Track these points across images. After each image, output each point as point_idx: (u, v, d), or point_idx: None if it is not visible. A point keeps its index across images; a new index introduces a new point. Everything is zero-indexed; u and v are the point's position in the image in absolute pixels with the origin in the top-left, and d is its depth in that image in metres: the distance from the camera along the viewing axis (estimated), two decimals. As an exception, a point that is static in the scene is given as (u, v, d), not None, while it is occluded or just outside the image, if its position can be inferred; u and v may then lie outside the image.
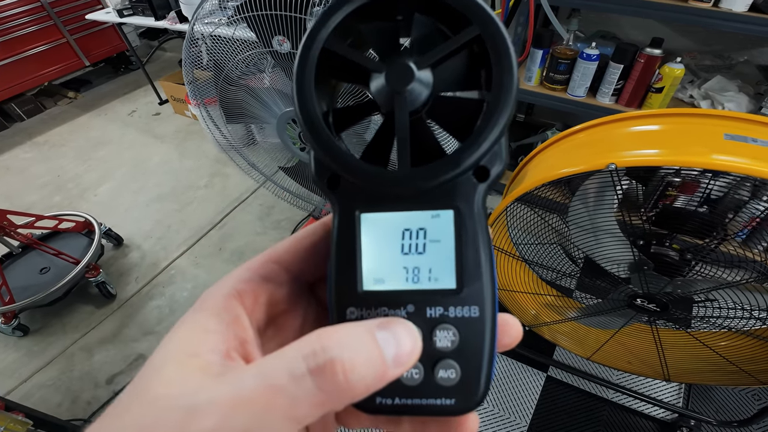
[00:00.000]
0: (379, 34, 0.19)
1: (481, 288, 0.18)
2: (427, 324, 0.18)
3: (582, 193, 0.89)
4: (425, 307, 0.18)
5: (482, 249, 0.18)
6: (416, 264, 0.18)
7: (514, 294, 1.25)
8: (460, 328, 0.18)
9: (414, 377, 0.18)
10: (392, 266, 0.18)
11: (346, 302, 0.19)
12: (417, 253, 0.18)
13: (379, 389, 0.16)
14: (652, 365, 1.21)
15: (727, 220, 0.92)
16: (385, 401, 0.18)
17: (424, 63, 0.18)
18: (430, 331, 0.18)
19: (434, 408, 0.18)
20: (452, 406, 0.18)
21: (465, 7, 0.17)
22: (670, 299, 0.95)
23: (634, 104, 1.36)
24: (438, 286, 0.18)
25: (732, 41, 1.46)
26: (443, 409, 0.18)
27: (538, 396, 1.38)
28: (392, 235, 0.18)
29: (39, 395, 1.52)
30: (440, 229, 0.18)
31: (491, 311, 0.18)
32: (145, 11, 2.43)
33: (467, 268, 0.18)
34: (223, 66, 0.99)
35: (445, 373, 0.17)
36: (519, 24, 1.36)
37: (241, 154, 1.54)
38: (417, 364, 0.18)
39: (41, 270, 1.75)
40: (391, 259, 0.18)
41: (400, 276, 0.18)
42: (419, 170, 0.17)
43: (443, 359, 0.18)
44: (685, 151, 0.75)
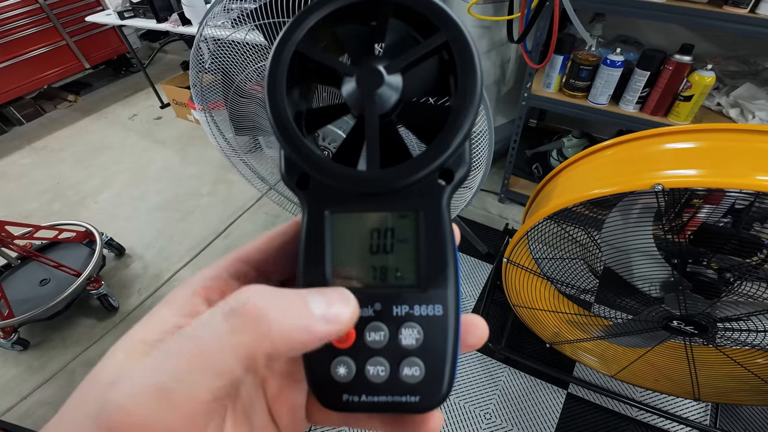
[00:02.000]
0: (353, 38, 0.19)
1: (444, 287, 0.18)
2: (393, 322, 0.18)
3: (621, 213, 0.83)
4: (392, 306, 0.18)
5: (447, 249, 0.18)
6: (383, 263, 0.19)
7: (536, 312, 1.20)
8: (424, 327, 0.18)
9: (380, 374, 0.18)
10: (360, 265, 0.19)
11: None
12: (384, 253, 0.19)
13: (346, 387, 0.17)
14: (681, 384, 1.16)
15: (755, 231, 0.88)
16: (351, 398, 0.18)
17: (394, 68, 0.18)
18: (396, 329, 0.18)
19: (400, 405, 0.18)
20: (417, 404, 0.18)
21: (433, 14, 0.18)
22: (710, 321, 0.90)
23: (660, 113, 1.31)
24: (404, 284, 0.18)
25: (759, 46, 1.41)
26: (408, 406, 0.18)
27: (558, 414, 1.33)
28: (360, 235, 0.19)
29: (39, 413, 1.47)
30: (407, 229, 0.18)
31: (454, 310, 0.18)
32: (146, 13, 2.38)
33: (432, 268, 0.18)
34: (234, 76, 0.94)
35: (410, 371, 0.18)
36: (539, 28, 1.30)
37: (245, 161, 1.48)
38: (383, 362, 0.18)
39: (41, 282, 1.70)
40: (359, 259, 0.19)
41: (368, 275, 0.19)
42: (387, 171, 0.18)
43: (408, 357, 0.18)
44: (735, 173, 0.70)
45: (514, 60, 1.71)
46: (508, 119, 1.89)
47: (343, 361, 0.18)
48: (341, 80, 0.19)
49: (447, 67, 0.19)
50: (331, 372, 0.18)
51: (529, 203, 1.14)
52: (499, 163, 2.09)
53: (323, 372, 0.18)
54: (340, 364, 0.18)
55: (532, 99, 1.50)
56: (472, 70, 0.18)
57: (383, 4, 0.18)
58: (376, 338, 0.18)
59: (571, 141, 1.75)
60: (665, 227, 0.82)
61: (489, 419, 1.33)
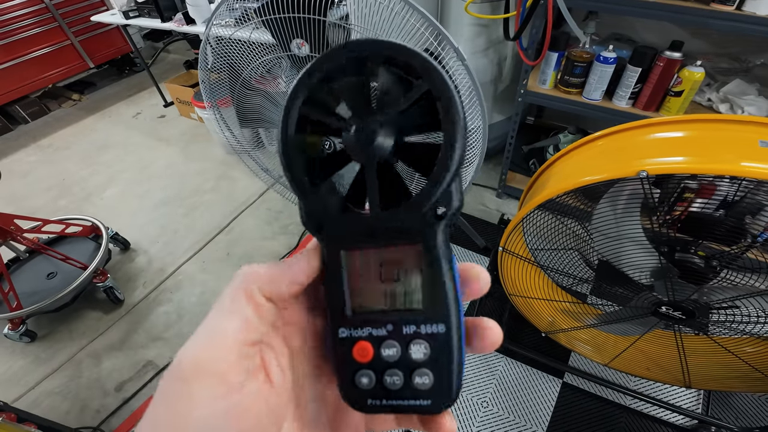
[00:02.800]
0: (349, 90, 0.22)
1: (445, 308, 0.21)
2: (404, 339, 0.21)
3: (609, 201, 0.87)
4: (402, 325, 0.21)
5: (445, 275, 0.21)
6: (393, 290, 0.22)
7: (530, 300, 1.24)
8: (430, 342, 0.21)
9: (396, 383, 0.21)
10: (372, 293, 0.22)
11: (337, 324, 0.22)
12: (392, 281, 0.22)
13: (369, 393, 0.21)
14: (673, 372, 1.19)
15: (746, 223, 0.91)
16: (374, 402, 0.22)
17: (388, 118, 0.21)
18: (406, 345, 0.21)
19: (414, 407, 0.21)
20: (429, 406, 0.21)
21: (416, 64, 0.20)
22: (697, 307, 0.93)
23: (652, 108, 1.34)
24: (411, 307, 0.21)
25: (749, 44, 1.44)
26: (422, 408, 0.21)
27: (554, 403, 1.36)
28: (370, 267, 0.22)
29: (47, 403, 1.50)
30: (408, 260, 0.21)
31: (456, 326, 0.21)
32: (151, 13, 2.41)
33: (432, 293, 0.21)
34: (240, 70, 0.98)
35: (420, 380, 0.21)
36: (534, 26, 1.34)
37: (252, 156, 1.52)
38: (397, 372, 0.21)
39: (48, 275, 1.74)
40: (371, 287, 0.22)
41: (380, 301, 0.22)
42: (386, 215, 0.21)
43: (418, 368, 0.21)
44: (718, 159, 0.74)
45: (511, 57, 1.75)
46: (505, 116, 1.92)
47: (365, 373, 0.22)
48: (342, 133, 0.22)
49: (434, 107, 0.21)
50: (356, 382, 0.22)
51: (524, 194, 1.17)
52: (496, 159, 2.12)
53: (350, 382, 0.22)
54: (362, 376, 0.22)
55: (528, 95, 1.53)
56: (453, 120, 0.19)
57: (371, 58, 0.20)
58: (390, 353, 0.21)
59: (567, 137, 1.79)
60: (659, 221, 0.85)
61: (486, 407, 1.36)
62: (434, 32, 0.81)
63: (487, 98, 1.86)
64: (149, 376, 1.54)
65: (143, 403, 1.46)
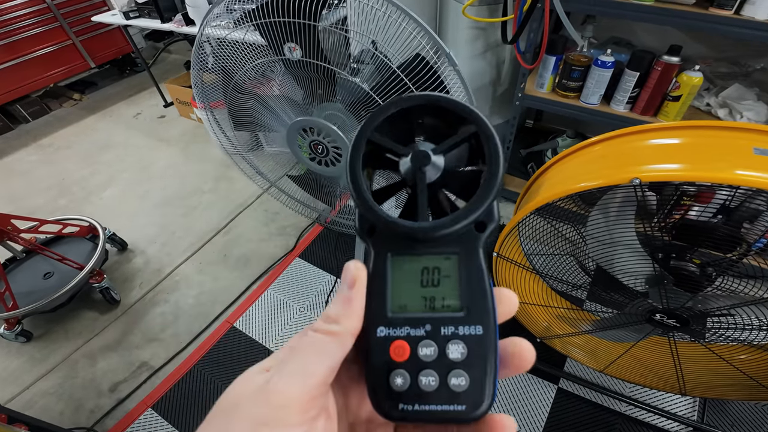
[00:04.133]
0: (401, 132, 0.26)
1: (483, 311, 0.22)
2: (441, 340, 0.22)
3: (602, 207, 0.86)
4: (440, 327, 0.22)
5: (483, 282, 0.23)
6: (432, 294, 0.23)
7: (526, 306, 1.23)
8: (467, 343, 0.22)
9: (431, 384, 0.21)
10: (414, 296, 0.23)
11: (377, 323, 0.23)
12: (433, 286, 0.23)
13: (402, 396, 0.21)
14: (668, 379, 1.18)
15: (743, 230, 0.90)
16: (407, 407, 0.21)
17: (438, 150, 0.24)
18: (444, 345, 0.22)
19: (448, 413, 0.21)
20: (463, 412, 0.21)
21: (466, 113, 0.24)
22: (691, 315, 0.92)
23: (650, 113, 1.33)
24: (450, 310, 0.23)
25: (749, 48, 1.43)
26: (456, 414, 0.21)
27: (549, 408, 1.35)
28: (414, 272, 0.23)
29: (41, 403, 1.50)
30: (450, 267, 0.23)
31: (493, 329, 0.22)
32: (151, 13, 2.42)
33: (471, 297, 0.22)
34: (233, 73, 0.97)
35: (457, 381, 0.21)
36: (532, 30, 1.33)
37: (246, 159, 1.52)
38: (433, 373, 0.21)
39: (45, 275, 1.74)
40: (413, 291, 0.23)
41: (420, 303, 0.23)
42: (434, 223, 0.22)
43: (455, 369, 0.21)
44: (712, 167, 0.73)
45: (509, 61, 1.74)
46: (503, 119, 1.92)
47: (400, 373, 0.22)
48: (398, 162, 0.25)
49: (473, 147, 0.25)
50: (390, 382, 0.22)
51: (519, 198, 1.16)
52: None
53: (383, 384, 0.22)
54: (397, 376, 0.22)
55: (525, 99, 1.53)
56: (496, 156, 0.23)
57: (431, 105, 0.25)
58: (427, 353, 0.22)
59: (565, 141, 1.78)
60: (654, 227, 0.84)
61: (480, 412, 1.35)
62: (429, 39, 0.80)
63: (485, 101, 1.85)
64: (144, 377, 1.54)
65: (137, 404, 1.46)
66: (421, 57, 0.79)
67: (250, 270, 1.89)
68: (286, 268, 1.87)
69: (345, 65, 0.94)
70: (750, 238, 0.84)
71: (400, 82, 0.84)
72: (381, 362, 0.22)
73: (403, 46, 0.84)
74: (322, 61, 0.88)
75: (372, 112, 0.25)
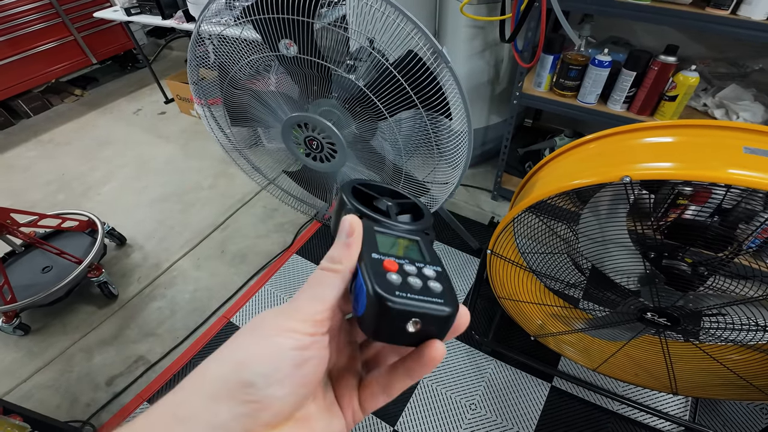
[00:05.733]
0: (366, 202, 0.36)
1: (438, 262, 0.30)
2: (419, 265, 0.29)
3: (594, 205, 0.86)
4: (415, 262, 0.30)
5: (434, 251, 0.32)
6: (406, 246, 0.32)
7: (520, 304, 1.23)
8: (435, 271, 0.29)
9: (417, 284, 0.27)
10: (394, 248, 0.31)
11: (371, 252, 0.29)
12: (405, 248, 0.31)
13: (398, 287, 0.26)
14: (660, 378, 1.18)
15: (738, 230, 0.90)
16: (401, 293, 0.26)
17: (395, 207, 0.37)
18: (420, 268, 0.29)
19: (433, 305, 0.26)
20: (443, 304, 0.26)
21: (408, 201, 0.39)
22: (682, 313, 0.93)
23: (647, 112, 1.33)
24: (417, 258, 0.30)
25: (747, 49, 1.43)
26: (438, 306, 0.26)
27: (542, 406, 1.36)
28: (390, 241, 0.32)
29: (38, 396, 1.51)
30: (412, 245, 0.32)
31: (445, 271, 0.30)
32: (152, 10, 2.43)
33: (430, 256, 0.31)
34: (229, 69, 0.98)
35: (434, 285, 0.27)
36: (529, 29, 1.34)
37: (244, 155, 1.52)
38: (417, 279, 0.27)
39: (43, 269, 1.75)
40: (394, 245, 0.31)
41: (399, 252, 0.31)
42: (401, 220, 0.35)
43: (430, 280, 0.28)
44: (702, 165, 0.73)
45: (508, 59, 1.74)
46: (502, 118, 1.92)
47: (394, 275, 0.27)
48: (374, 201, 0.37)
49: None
50: (387, 279, 0.27)
51: (514, 195, 1.17)
52: (493, 162, 2.12)
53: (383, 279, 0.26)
54: (392, 275, 0.27)
55: (523, 98, 1.53)
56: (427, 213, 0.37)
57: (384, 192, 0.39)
58: (410, 269, 0.28)
59: (563, 140, 1.78)
60: (646, 226, 0.84)
61: (474, 410, 1.36)
62: (423, 37, 0.81)
63: (483, 100, 1.85)
64: (140, 371, 1.54)
65: (133, 398, 1.47)
66: (414, 53, 0.79)
67: (247, 266, 1.90)
68: (284, 265, 1.87)
69: (341, 62, 0.94)
70: (741, 237, 0.84)
71: (395, 78, 0.84)
72: (378, 270, 0.27)
73: (400, 45, 0.85)
74: (317, 57, 0.89)
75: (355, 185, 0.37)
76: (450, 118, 0.89)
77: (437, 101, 0.84)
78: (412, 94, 0.83)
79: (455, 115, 0.89)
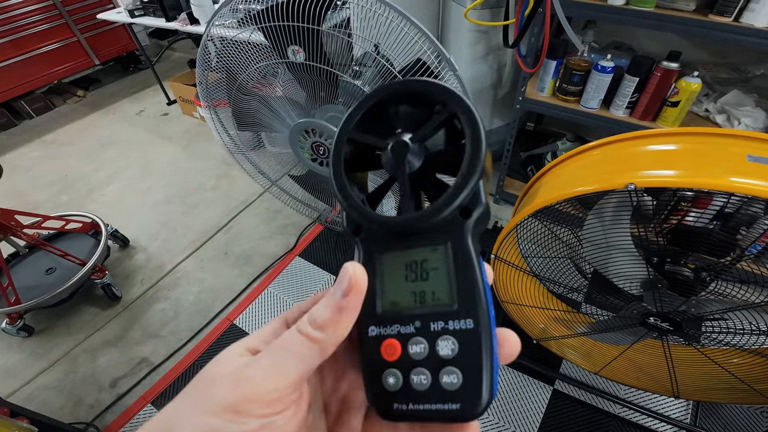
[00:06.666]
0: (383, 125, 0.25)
1: (473, 304, 0.21)
2: (431, 336, 0.21)
3: (598, 211, 0.87)
4: (429, 322, 0.21)
5: (473, 272, 0.21)
6: (422, 288, 0.22)
7: (523, 308, 1.24)
8: (458, 338, 0.20)
9: (423, 383, 0.20)
10: (404, 291, 0.23)
11: (368, 322, 0.23)
12: (422, 280, 0.22)
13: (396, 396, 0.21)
14: (661, 381, 1.19)
15: (740, 236, 0.90)
16: (400, 407, 0.21)
17: (417, 137, 0.23)
18: (433, 342, 0.21)
19: (442, 412, 0.20)
20: (458, 410, 0.20)
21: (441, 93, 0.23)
22: (684, 318, 0.93)
23: (649, 118, 1.35)
24: (439, 304, 0.22)
25: (749, 54, 1.44)
26: (450, 413, 0.20)
27: (544, 409, 1.36)
28: (402, 267, 0.23)
29: (42, 398, 1.52)
30: (438, 259, 0.22)
31: (486, 322, 0.20)
32: (156, 12, 2.44)
33: (461, 289, 0.21)
34: (237, 75, 0.99)
35: (449, 378, 0.20)
36: (533, 34, 1.35)
37: (248, 158, 1.53)
38: (424, 371, 0.21)
39: (47, 270, 1.75)
40: (402, 286, 0.23)
41: (410, 299, 0.22)
42: (414, 215, 0.22)
43: (446, 366, 0.20)
44: (706, 173, 0.74)
45: (511, 64, 1.76)
46: (504, 122, 1.93)
47: (392, 373, 0.21)
48: (379, 155, 0.24)
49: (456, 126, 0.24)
50: (383, 383, 0.22)
51: (518, 201, 1.17)
52: (495, 165, 2.13)
53: (377, 383, 0.22)
54: (389, 375, 0.21)
55: (526, 102, 1.54)
56: (476, 132, 0.22)
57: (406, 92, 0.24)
58: (417, 350, 0.21)
59: (565, 144, 1.79)
60: (649, 232, 0.85)
61: (476, 412, 1.36)
62: (430, 44, 0.82)
63: (487, 103, 1.86)
64: (144, 373, 1.55)
65: (137, 400, 1.47)
66: (422, 62, 0.80)
67: (250, 268, 1.91)
68: (287, 267, 1.88)
69: (347, 68, 0.95)
70: (743, 243, 0.85)
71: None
72: (374, 363, 0.22)
73: (405, 50, 0.85)
74: (324, 64, 0.90)
75: (350, 110, 0.25)
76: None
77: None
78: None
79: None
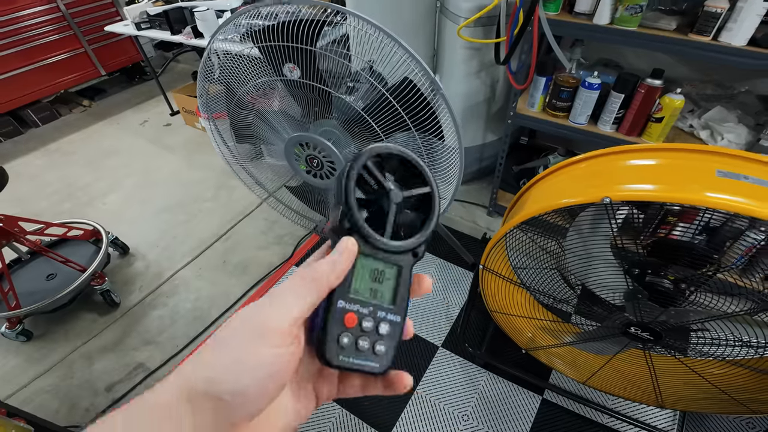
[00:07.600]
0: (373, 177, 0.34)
1: (402, 307, 0.33)
2: (377, 319, 0.32)
3: (577, 224, 0.91)
4: (377, 311, 0.32)
5: (407, 288, 0.33)
6: (378, 288, 0.32)
7: (511, 318, 1.26)
8: (390, 325, 0.32)
9: (365, 347, 0.30)
10: (366, 285, 0.32)
11: (339, 297, 0.31)
12: (379, 283, 0.32)
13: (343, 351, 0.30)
14: (647, 391, 1.21)
15: (724, 249, 0.93)
16: (344, 358, 0.30)
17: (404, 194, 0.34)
18: (378, 323, 0.31)
19: (369, 368, 0.31)
20: (378, 368, 0.31)
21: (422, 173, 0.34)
22: (664, 328, 0.96)
23: (635, 133, 1.39)
24: (385, 301, 0.32)
25: (733, 71, 1.48)
26: (373, 368, 0.31)
27: (533, 419, 1.38)
28: (370, 269, 0.32)
29: (38, 401, 1.54)
30: (392, 274, 0.33)
31: (403, 318, 0.33)
32: (161, 25, 2.51)
33: (397, 296, 0.32)
34: (236, 89, 1.03)
35: (379, 347, 0.31)
36: (523, 51, 1.39)
37: (246, 169, 1.57)
38: (367, 340, 0.31)
39: (48, 276, 1.79)
40: (367, 282, 0.32)
41: (369, 292, 0.32)
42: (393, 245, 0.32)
43: (380, 339, 0.31)
44: (679, 188, 0.77)
45: (503, 80, 1.80)
46: (497, 136, 1.97)
47: (347, 335, 0.30)
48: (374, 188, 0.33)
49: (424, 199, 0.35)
50: (339, 340, 0.30)
51: (506, 212, 1.21)
52: (488, 178, 2.17)
53: (334, 340, 0.30)
54: (345, 336, 0.30)
55: (517, 118, 1.58)
56: (434, 212, 0.34)
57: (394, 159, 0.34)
58: (368, 326, 0.31)
59: (556, 158, 1.83)
60: (632, 243, 0.88)
61: (466, 421, 1.38)
62: (417, 64, 0.86)
63: (480, 118, 1.91)
64: (139, 378, 1.57)
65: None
66: (408, 80, 0.85)
67: (248, 276, 1.94)
68: (283, 276, 1.91)
69: (340, 85, 0.99)
70: (728, 259, 0.88)
71: (390, 103, 0.89)
72: (336, 325, 0.30)
73: (395, 69, 0.90)
74: (318, 81, 0.94)
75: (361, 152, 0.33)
76: (442, 140, 0.94)
77: (430, 125, 0.90)
78: (406, 118, 0.88)
79: (448, 137, 0.94)
